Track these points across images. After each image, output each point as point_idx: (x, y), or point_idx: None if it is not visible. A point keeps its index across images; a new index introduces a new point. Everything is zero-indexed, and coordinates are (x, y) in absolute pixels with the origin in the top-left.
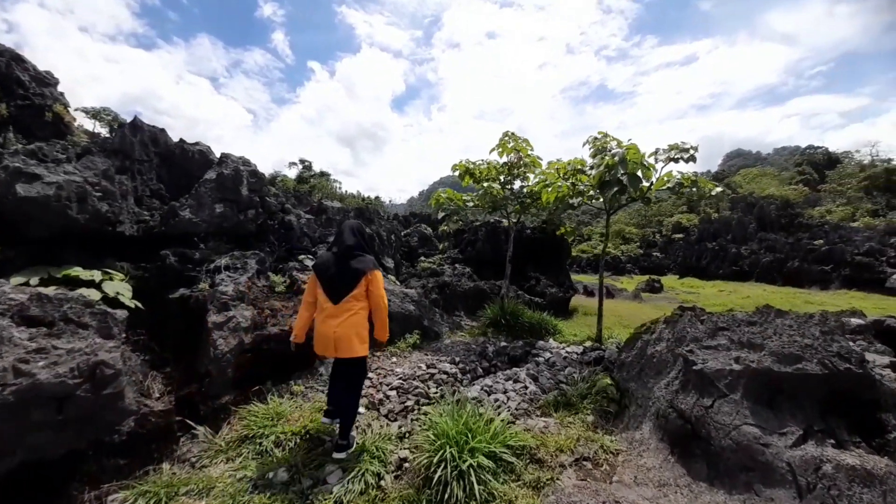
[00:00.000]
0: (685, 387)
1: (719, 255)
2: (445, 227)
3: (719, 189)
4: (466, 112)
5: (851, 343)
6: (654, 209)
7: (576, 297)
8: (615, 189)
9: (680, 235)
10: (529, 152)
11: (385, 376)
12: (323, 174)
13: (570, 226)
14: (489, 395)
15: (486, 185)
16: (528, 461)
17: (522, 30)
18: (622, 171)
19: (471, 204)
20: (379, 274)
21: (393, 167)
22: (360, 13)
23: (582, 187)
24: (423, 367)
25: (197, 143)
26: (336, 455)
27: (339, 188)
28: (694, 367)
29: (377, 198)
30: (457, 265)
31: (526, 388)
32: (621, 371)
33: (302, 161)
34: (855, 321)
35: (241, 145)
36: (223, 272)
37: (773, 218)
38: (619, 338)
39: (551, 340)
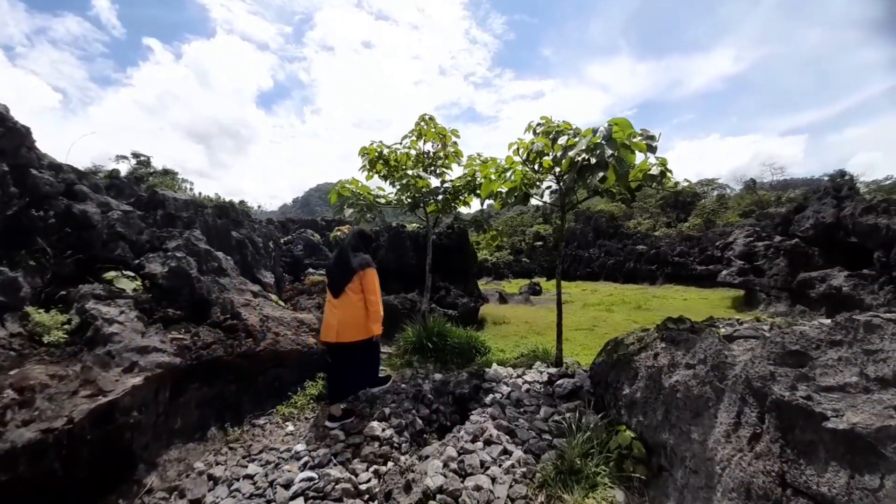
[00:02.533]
0: (803, 452)
1: (576, 259)
2: (339, 234)
3: (685, 183)
4: (344, 119)
5: None
6: (517, 219)
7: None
8: (600, 174)
9: (540, 243)
10: (455, 140)
11: (276, 465)
12: (167, 172)
13: (496, 228)
14: (462, 477)
15: (411, 174)
16: None
17: (398, 45)
18: (610, 152)
19: (384, 200)
20: (371, 272)
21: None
22: None
23: (541, 178)
24: (337, 432)
25: None
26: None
27: (190, 189)
28: (827, 426)
29: (242, 202)
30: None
31: (507, 453)
32: (632, 413)
33: (136, 155)
34: None
35: (45, 132)
36: None
37: (605, 228)
38: (573, 357)
39: (496, 367)
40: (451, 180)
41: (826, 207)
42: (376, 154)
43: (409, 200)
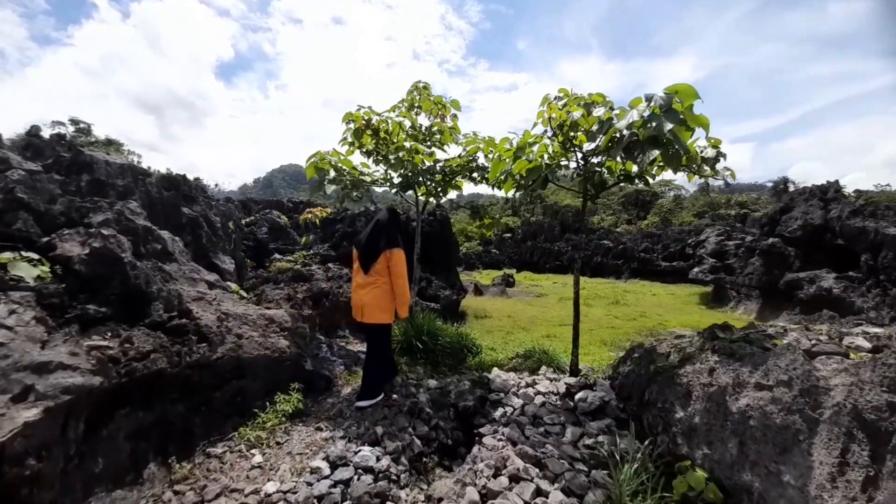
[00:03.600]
0: None
1: (546, 252)
2: (309, 216)
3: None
4: (312, 97)
5: None
6: (486, 210)
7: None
8: (653, 153)
9: (508, 234)
10: (454, 113)
11: None
12: (111, 142)
13: (493, 214)
14: None
15: (408, 146)
16: None
17: (371, 25)
18: (669, 126)
19: (370, 177)
20: (399, 252)
21: (218, 147)
22: None
23: (569, 156)
24: (319, 464)
25: None
26: (357, 403)
27: (138, 162)
28: None
29: (197, 179)
30: (330, 265)
31: (542, 494)
32: (693, 444)
33: (75, 122)
34: None
35: None
36: None
37: (571, 223)
38: (598, 366)
39: (497, 371)
40: (447, 160)
41: (813, 209)
42: (363, 122)
43: (400, 179)
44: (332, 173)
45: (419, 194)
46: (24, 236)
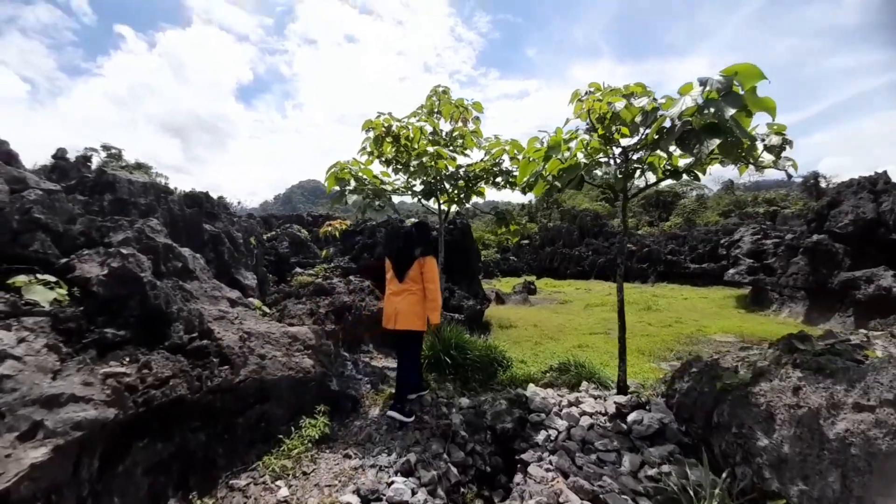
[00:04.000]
0: None
1: (566, 257)
2: (329, 229)
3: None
4: (326, 114)
5: None
6: (514, 215)
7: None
8: (713, 142)
9: (526, 241)
10: (477, 115)
11: None
12: (140, 166)
13: (520, 220)
14: None
15: (431, 151)
16: None
17: (383, 41)
18: (731, 111)
19: (391, 185)
20: (431, 259)
21: (239, 167)
22: None
23: (608, 151)
24: (350, 499)
25: None
26: (389, 413)
27: (165, 183)
28: None
29: (221, 197)
30: (351, 277)
31: None
32: (784, 477)
33: (106, 148)
34: None
35: (9, 123)
36: None
37: (590, 227)
38: (638, 380)
39: (533, 388)
40: (469, 164)
41: (864, 202)
42: (383, 130)
43: (423, 187)
44: (353, 183)
45: (441, 202)
46: (42, 258)
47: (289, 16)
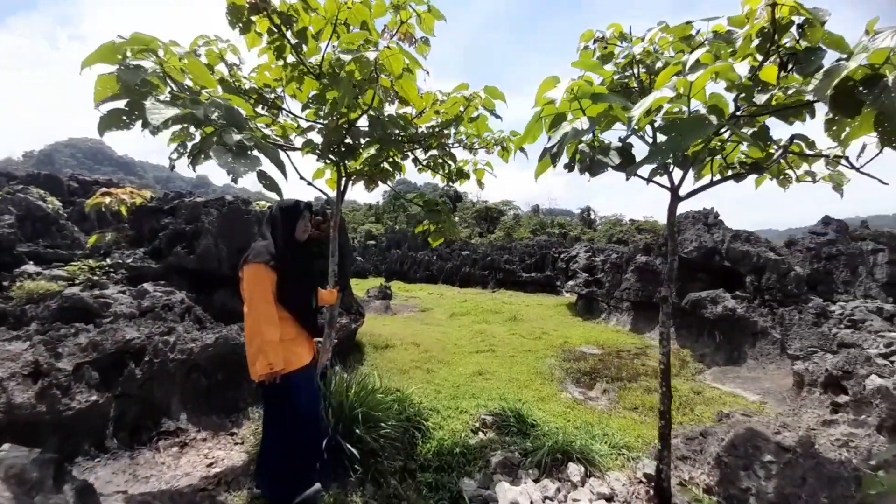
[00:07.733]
0: None
1: (415, 261)
2: (106, 201)
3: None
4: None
5: None
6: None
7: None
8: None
9: (372, 242)
10: (422, 35)
11: None
12: None
13: (454, 218)
14: None
15: (371, 54)
16: None
17: None
18: None
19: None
20: (250, 270)
21: None
22: None
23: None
24: None
25: None
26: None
27: None
28: None
29: None
30: (148, 286)
31: None
32: None
33: None
34: None
35: None
36: None
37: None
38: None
39: (502, 483)
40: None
41: (702, 232)
42: None
43: (330, 130)
44: (170, 90)
45: (345, 171)
46: None
47: None
